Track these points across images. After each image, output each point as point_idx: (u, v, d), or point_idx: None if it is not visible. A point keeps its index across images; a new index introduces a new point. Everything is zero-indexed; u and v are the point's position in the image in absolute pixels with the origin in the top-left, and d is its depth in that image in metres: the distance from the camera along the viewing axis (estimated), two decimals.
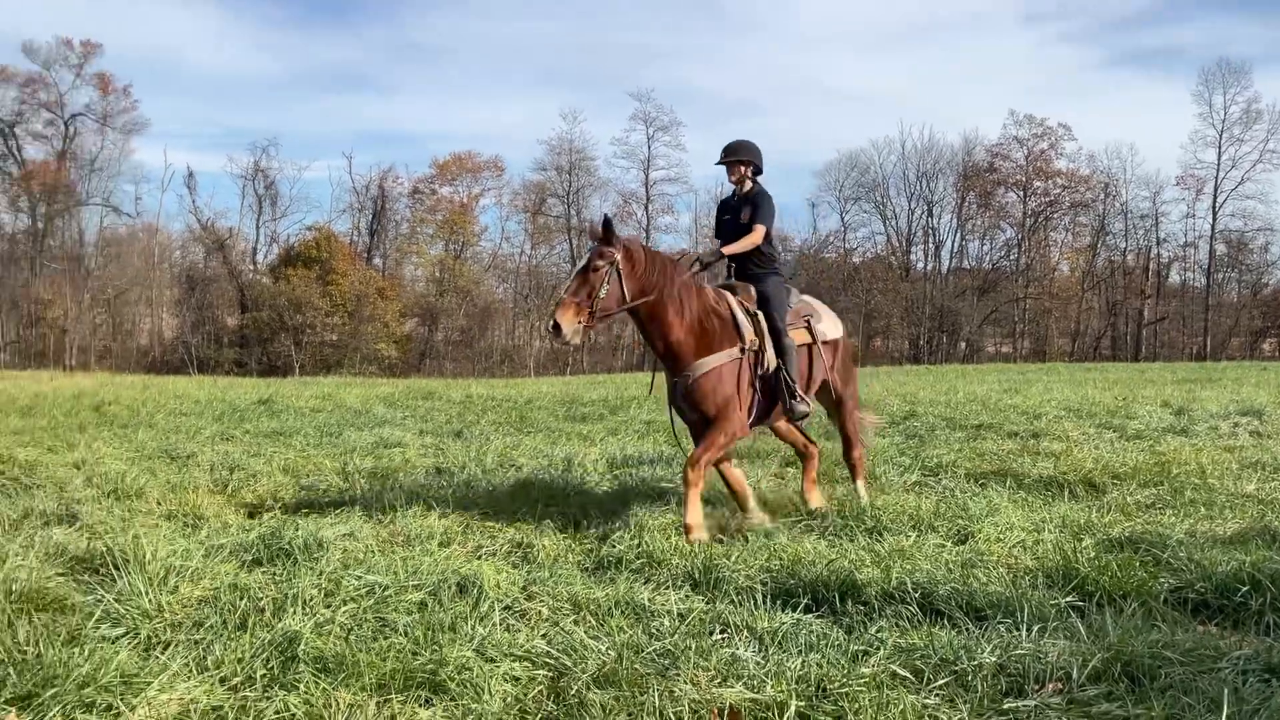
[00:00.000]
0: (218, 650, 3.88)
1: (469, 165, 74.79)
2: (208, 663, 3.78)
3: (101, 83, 69.59)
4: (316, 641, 3.95)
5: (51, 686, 3.40)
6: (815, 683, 3.66)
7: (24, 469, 8.19)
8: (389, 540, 5.85)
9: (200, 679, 3.61)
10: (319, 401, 15.29)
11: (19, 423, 11.86)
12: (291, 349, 61.92)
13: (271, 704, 3.40)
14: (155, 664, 3.67)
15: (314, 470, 8.41)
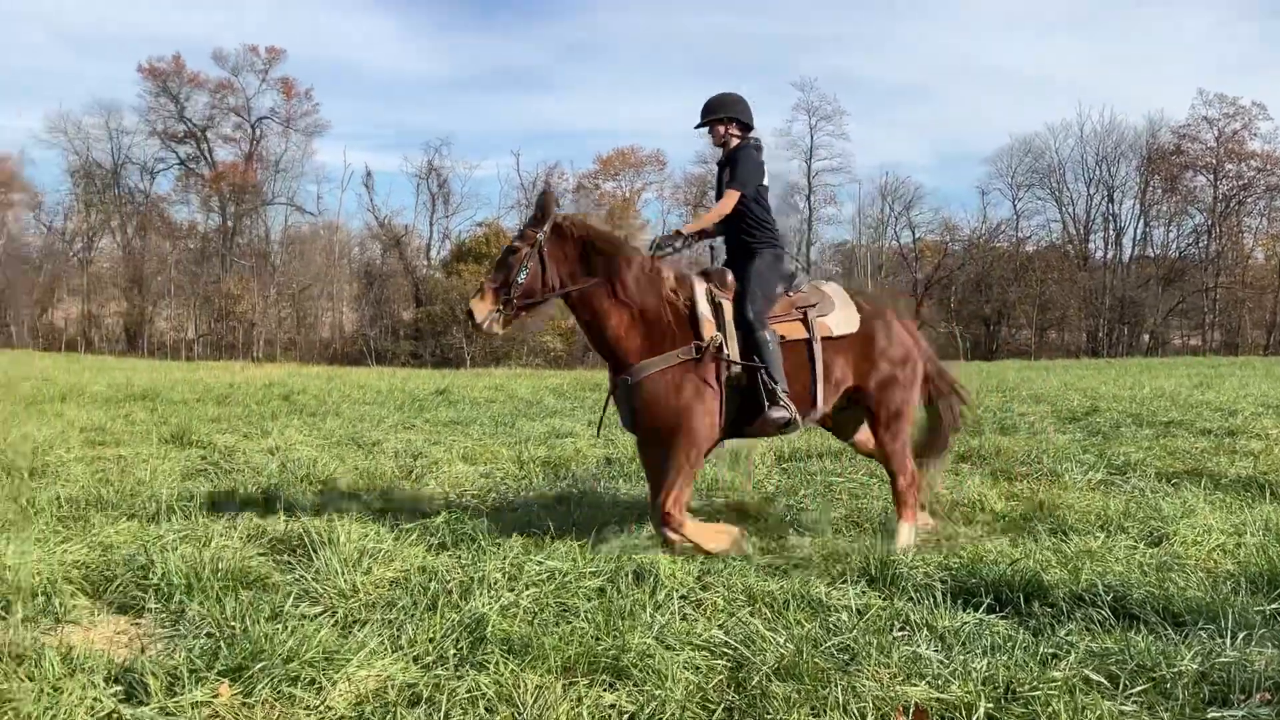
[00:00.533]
0: (410, 630, 4.05)
1: (631, 160, 75.55)
2: (401, 641, 3.94)
3: (285, 87, 73.25)
4: (502, 624, 4.08)
5: (259, 660, 3.61)
6: (1004, 684, 3.56)
7: (224, 454, 8.72)
8: (567, 526, 5.97)
9: (395, 657, 3.78)
10: (492, 392, 15.75)
11: (216, 410, 12.63)
12: (463, 341, 63.90)
13: (463, 683, 3.53)
14: (354, 642, 3.85)
15: (491, 458, 8.67)
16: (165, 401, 13.55)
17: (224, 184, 70.89)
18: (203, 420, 11.16)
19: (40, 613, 4.39)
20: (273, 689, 3.45)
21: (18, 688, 3.35)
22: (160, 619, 4.45)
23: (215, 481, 7.37)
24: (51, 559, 5.02)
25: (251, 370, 22.60)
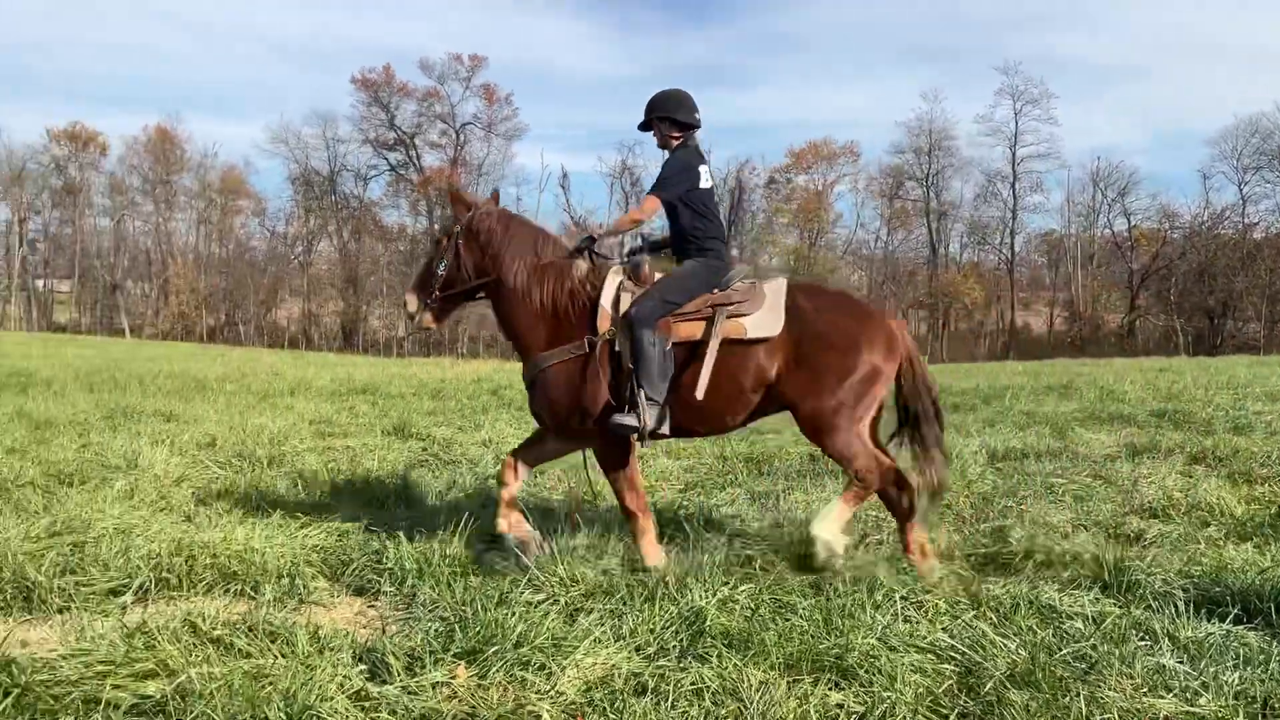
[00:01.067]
0: (630, 620, 4.11)
1: (824, 152, 74.46)
2: (623, 631, 4.01)
3: (487, 93, 75.84)
4: (720, 618, 4.09)
5: (492, 644, 3.74)
6: (1261, 699, 3.32)
7: (442, 446, 9.10)
8: (775, 524, 5.93)
9: (618, 646, 3.84)
10: None
11: (431, 404, 13.18)
12: None
13: (687, 675, 3.55)
14: (579, 630, 3.94)
15: (694, 454, 8.71)
16: (384, 395, 14.25)
17: (431, 188, 73.99)
18: (420, 414, 11.66)
19: (285, 593, 4.68)
20: (506, 672, 3.57)
21: (273, 664, 3.59)
22: (395, 601, 4.68)
23: (436, 472, 7.68)
24: (293, 543, 5.34)
25: (460, 366, 23.50)
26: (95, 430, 9.25)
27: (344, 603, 4.73)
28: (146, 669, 3.51)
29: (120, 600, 4.54)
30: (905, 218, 73.59)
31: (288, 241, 76.58)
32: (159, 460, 7.52)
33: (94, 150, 73.57)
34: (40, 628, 4.28)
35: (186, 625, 3.95)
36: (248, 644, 3.78)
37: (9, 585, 4.57)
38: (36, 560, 4.77)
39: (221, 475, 7.37)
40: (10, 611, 4.43)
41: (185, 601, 4.53)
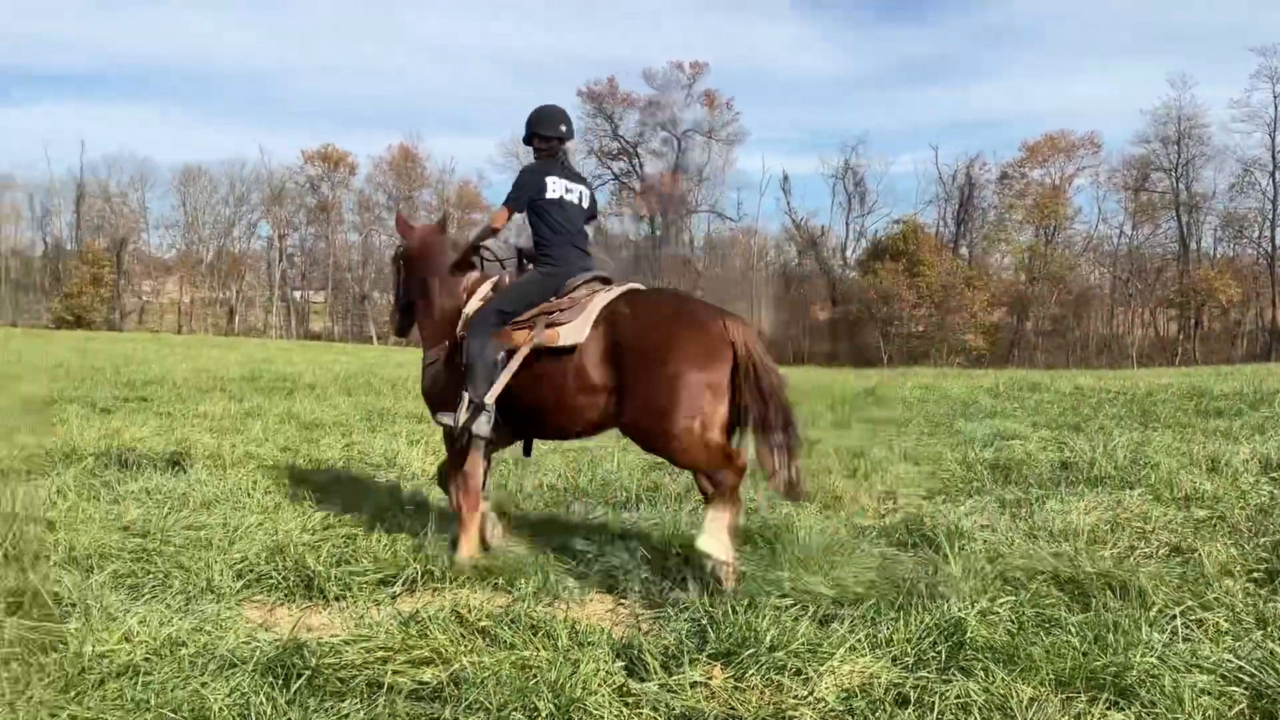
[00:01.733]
0: (885, 629, 4.01)
1: (1061, 145, 70.85)
2: (878, 639, 3.92)
3: (708, 99, 76.44)
4: (982, 630, 3.93)
5: (747, 647, 3.74)
6: None
7: None
8: (1030, 534, 5.67)
9: (874, 655, 3.76)
10: (922, 392, 15.42)
11: None
12: (879, 341, 63.29)
13: (950, 687, 3.44)
14: (834, 636, 3.88)
15: (934, 459, 8.46)
16: None
17: (652, 195, 75.25)
18: None
19: (540, 589, 4.83)
20: (762, 676, 3.56)
21: (536, 656, 3.71)
22: (642, 599, 4.75)
23: (674, 474, 7.76)
24: (544, 540, 5.52)
25: None
26: (356, 431, 9.87)
27: (595, 600, 4.84)
28: (422, 656, 3.70)
29: (390, 590, 4.82)
30: (1152, 211, 69.04)
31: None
32: (415, 459, 7.94)
33: (344, 170, 78.84)
34: (321, 614, 4.59)
35: (454, 615, 4.14)
36: (512, 636, 3.93)
37: (291, 573, 4.93)
38: (315, 551, 5.13)
39: None
40: (294, 598, 4.77)
41: (450, 593, 4.75)
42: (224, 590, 4.72)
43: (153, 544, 5.34)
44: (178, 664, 3.62)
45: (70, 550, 5.09)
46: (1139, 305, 69.06)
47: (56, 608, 4.16)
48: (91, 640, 3.78)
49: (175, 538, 5.50)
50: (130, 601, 4.35)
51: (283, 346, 44.73)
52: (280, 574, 4.94)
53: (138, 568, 4.96)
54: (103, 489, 6.78)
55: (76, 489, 6.74)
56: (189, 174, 76.43)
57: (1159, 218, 69.09)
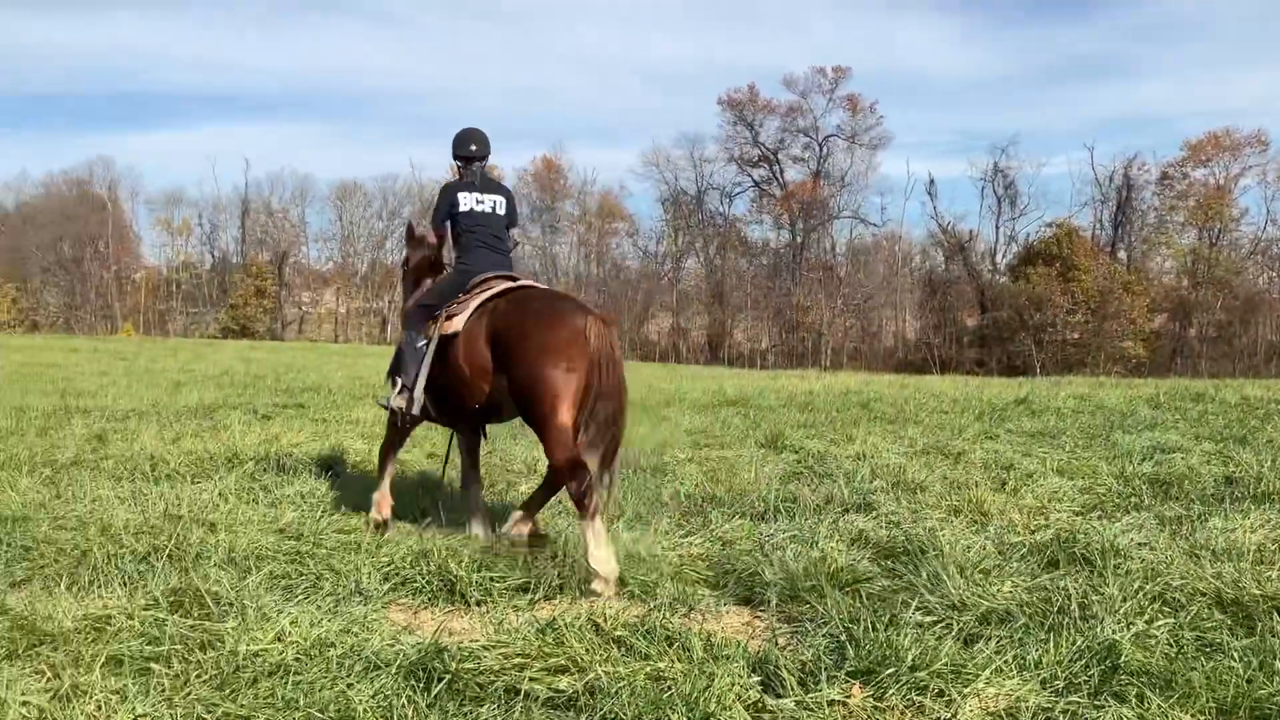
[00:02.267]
0: (1033, 651, 3.86)
1: (1226, 143, 67.31)
2: (1026, 661, 3.77)
3: (850, 104, 75.41)
4: (1137, 654, 3.74)
5: (887, 666, 3.64)
6: None
7: (815, 459, 9.07)
8: (1192, 553, 5.37)
9: (1021, 678, 3.61)
10: (1076, 402, 14.81)
11: (800, 416, 13.20)
12: (1031, 348, 61.16)
13: (1103, 714, 3.28)
14: (979, 657, 3.75)
15: (1089, 473, 8.11)
16: (755, 407, 14.47)
17: (794, 202, 74.63)
18: (791, 425, 11.71)
19: (675, 599, 4.82)
20: (902, 696, 3.46)
21: (671, 668, 3.69)
22: (780, 614, 4.68)
23: (812, 485, 7.66)
24: (679, 551, 5.52)
25: (827, 379, 23.44)
26: (501, 439, 10.06)
27: (730, 612, 4.80)
28: (558, 664, 3.73)
29: (529, 596, 4.88)
30: None
31: (658, 260, 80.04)
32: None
33: None
34: (463, 618, 4.69)
35: (590, 624, 4.17)
36: (647, 646, 3.93)
37: (434, 578, 5.05)
38: (457, 556, 5.24)
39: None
40: (436, 602, 4.89)
41: (587, 601, 4.78)
42: (371, 593, 4.88)
43: (306, 546, 5.56)
44: (326, 665, 3.74)
45: (229, 551, 5.33)
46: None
47: (215, 607, 4.36)
48: (246, 639, 3.95)
49: (327, 541, 5.71)
50: (283, 602, 4.53)
51: None
52: (424, 578, 5.07)
53: (291, 569, 5.16)
54: (261, 492, 7.08)
55: (237, 492, 7.07)
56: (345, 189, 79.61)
57: None
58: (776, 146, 77.77)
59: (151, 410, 13.13)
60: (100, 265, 76.65)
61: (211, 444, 9.29)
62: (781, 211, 76.47)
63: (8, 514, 6.20)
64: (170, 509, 6.41)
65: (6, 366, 23.27)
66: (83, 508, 6.37)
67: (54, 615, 4.14)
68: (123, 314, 76.22)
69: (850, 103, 75.04)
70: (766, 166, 78.82)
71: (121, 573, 4.96)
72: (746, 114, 76.98)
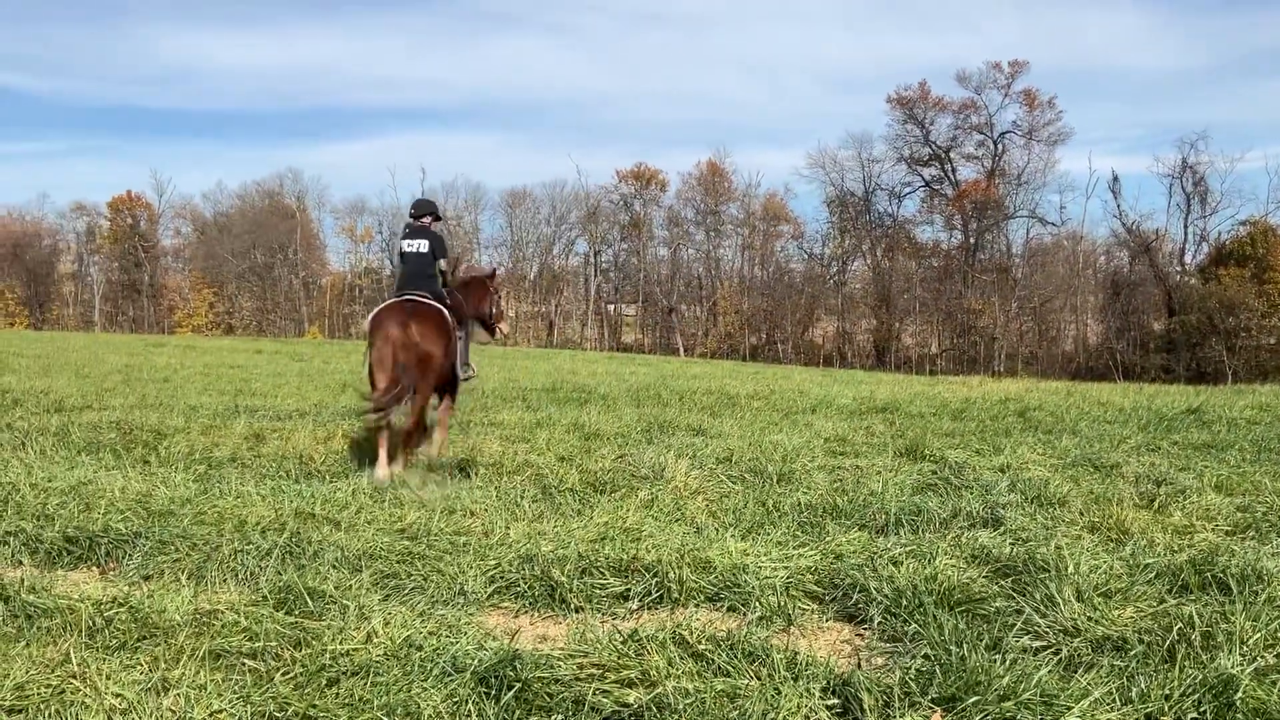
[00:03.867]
0: (1142, 682, 3.59)
1: None
2: (1131, 694, 3.51)
3: (1027, 99, 72.83)
4: (1258, 691, 3.43)
5: (973, 693, 3.44)
6: None
7: (953, 470, 8.71)
8: None
9: (1123, 712, 3.36)
10: (1256, 413, 13.78)
11: (950, 425, 12.74)
12: (1223, 354, 57.54)
13: None
14: (1076, 687, 3.51)
15: (1251, 489, 7.52)
16: (903, 415, 14.05)
17: (966, 202, 72.47)
18: (937, 434, 11.32)
19: (774, 612, 4.71)
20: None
21: (745, 685, 3.59)
22: (881, 632, 4.51)
23: (943, 497, 7.37)
24: (789, 562, 5.38)
25: (989, 385, 22.58)
26: (633, 443, 10.09)
27: (830, 628, 4.65)
28: (631, 676, 3.68)
29: (627, 605, 4.85)
30: None
31: (824, 262, 79.11)
32: (680, 472, 8.00)
33: (655, 187, 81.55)
34: (561, 624, 4.70)
35: (675, 636, 4.10)
36: (727, 662, 3.84)
37: (537, 583, 5.08)
38: (561, 561, 5.26)
39: (733, 489, 7.67)
40: (537, 607, 4.92)
41: (681, 611, 4.72)
42: (475, 595, 4.95)
43: (419, 547, 5.68)
44: (407, 667, 3.80)
45: (344, 550, 5.50)
46: None
47: (316, 604, 4.50)
48: (339, 639, 4.05)
49: (440, 541, 5.83)
50: (384, 602, 4.64)
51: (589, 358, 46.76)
52: (527, 582, 5.11)
53: (401, 569, 5.28)
54: (389, 491, 7.31)
55: (370, 491, 7.31)
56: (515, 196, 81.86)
57: None
58: (949, 144, 75.82)
59: (313, 410, 13.75)
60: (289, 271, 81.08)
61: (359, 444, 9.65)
62: (953, 211, 74.43)
63: (157, 508, 6.57)
64: (304, 506, 6.68)
65: (193, 367, 24.83)
66: (225, 503, 6.69)
67: (166, 609, 4.36)
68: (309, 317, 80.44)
69: (1027, 98, 72.50)
70: (938, 165, 76.93)
71: (244, 568, 5.19)
72: (917, 112, 75.32)
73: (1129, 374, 57.56)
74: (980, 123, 74.31)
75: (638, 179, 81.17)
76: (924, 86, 74.50)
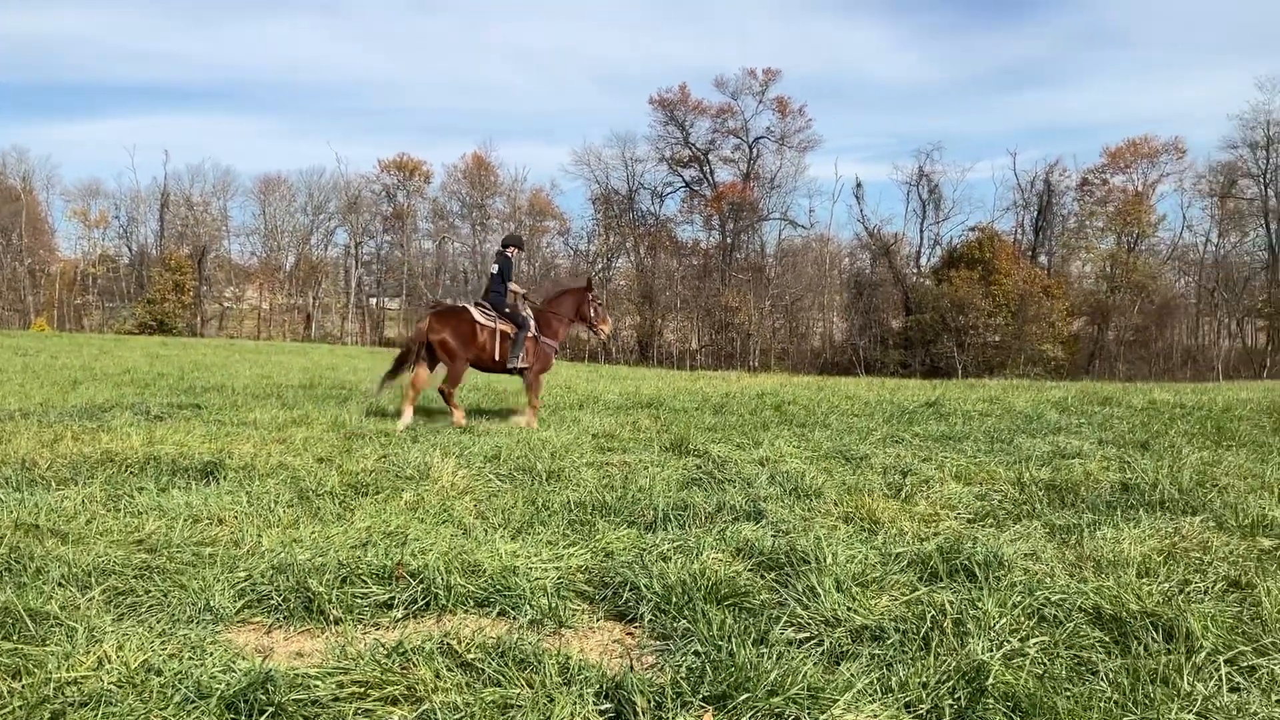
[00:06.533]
0: (900, 671, 3.71)
1: (1144, 150, 69.09)
2: (891, 683, 3.62)
3: (780, 106, 75.98)
4: (1006, 675, 3.61)
5: (744, 690, 3.46)
6: None
7: (717, 464, 8.90)
8: (1076, 564, 5.29)
9: (884, 701, 3.46)
10: (986, 405, 14.87)
11: (712, 419, 13.05)
12: (954, 350, 62.08)
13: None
14: (841, 679, 3.59)
15: (987, 479, 8.04)
16: (668, 410, 14.30)
17: (724, 203, 74.88)
18: (700, 429, 11.56)
19: (545, 615, 4.60)
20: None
21: (517, 695, 3.47)
22: (652, 629, 4.49)
23: (708, 491, 7.49)
24: (560, 562, 5.30)
25: (746, 380, 23.37)
26: (396, 442, 9.75)
27: (602, 628, 4.59)
28: (396, 693, 3.49)
29: (392, 614, 4.62)
30: (1239, 219, 66.90)
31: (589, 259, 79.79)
32: (447, 472, 7.77)
33: (419, 178, 79.86)
34: (319, 638, 4.41)
35: (443, 646, 3.93)
36: (498, 670, 3.70)
37: (292, 594, 4.76)
38: (319, 571, 4.96)
39: (502, 488, 7.52)
40: (292, 620, 4.60)
41: (449, 618, 4.54)
42: (223, 611, 4.58)
43: (159, 560, 5.23)
44: (144, 694, 3.45)
45: (72, 565, 4.99)
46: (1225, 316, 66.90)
47: (41, 627, 4.04)
48: (65, 665, 3.64)
49: (183, 553, 5.39)
50: (117, 622, 4.22)
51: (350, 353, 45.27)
52: (281, 595, 4.78)
53: (139, 585, 4.83)
54: (126, 499, 6.72)
55: (104, 500, 6.70)
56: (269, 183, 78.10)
57: (1247, 225, 66.94)
58: (707, 147, 78.09)
59: (38, 410, 12.56)
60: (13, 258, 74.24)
61: (90, 447, 8.85)
62: (712, 212, 76.73)
63: None
64: (26, 517, 6.04)
65: None
66: None
67: None
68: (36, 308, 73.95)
69: (780, 105, 75.68)
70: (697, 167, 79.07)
71: None
72: (678, 114, 77.16)
73: (870, 369, 61.18)
74: (737, 127, 77.01)
75: (400, 169, 79.23)
76: (684, 89, 76.47)
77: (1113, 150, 69.41)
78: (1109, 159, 69.40)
